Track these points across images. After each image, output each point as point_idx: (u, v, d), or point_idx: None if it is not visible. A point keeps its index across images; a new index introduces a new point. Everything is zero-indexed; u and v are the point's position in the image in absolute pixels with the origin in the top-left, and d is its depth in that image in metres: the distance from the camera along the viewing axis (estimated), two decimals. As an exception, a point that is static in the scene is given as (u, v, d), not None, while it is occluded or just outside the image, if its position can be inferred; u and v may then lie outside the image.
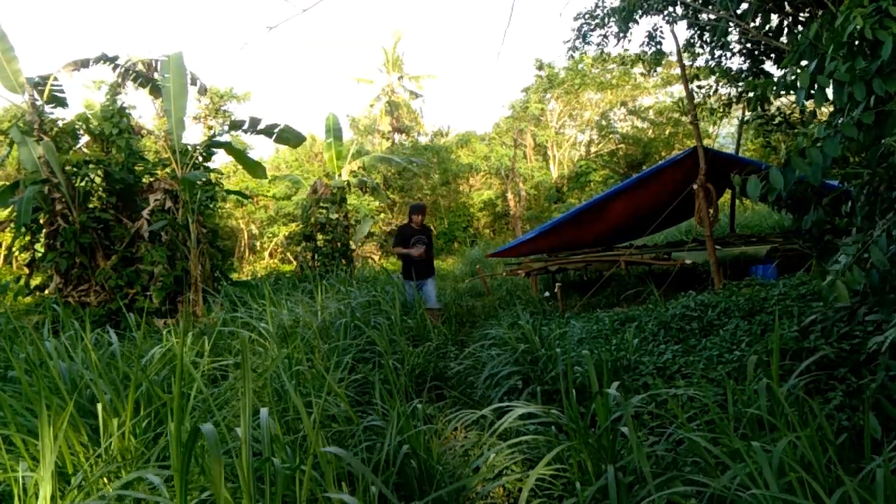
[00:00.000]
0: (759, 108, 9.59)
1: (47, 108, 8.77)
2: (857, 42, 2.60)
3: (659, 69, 22.21)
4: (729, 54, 8.85)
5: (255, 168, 10.21)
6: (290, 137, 10.12)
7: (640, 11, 7.29)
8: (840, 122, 2.57)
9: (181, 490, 1.95)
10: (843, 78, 2.57)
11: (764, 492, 1.94)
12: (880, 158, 2.47)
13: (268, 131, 9.90)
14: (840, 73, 2.58)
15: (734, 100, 9.91)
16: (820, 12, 5.03)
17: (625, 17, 7.38)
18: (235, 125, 10.09)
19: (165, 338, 4.77)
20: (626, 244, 10.40)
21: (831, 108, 2.98)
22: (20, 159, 8.30)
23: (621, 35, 8.06)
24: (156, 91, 9.99)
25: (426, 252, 7.45)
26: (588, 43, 8.63)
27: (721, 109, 10.77)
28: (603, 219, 9.68)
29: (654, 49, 8.76)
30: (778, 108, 10.31)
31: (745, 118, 10.46)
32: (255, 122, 9.84)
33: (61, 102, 8.84)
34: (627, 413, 2.46)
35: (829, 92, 2.76)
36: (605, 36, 8.31)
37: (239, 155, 10.08)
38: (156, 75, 9.72)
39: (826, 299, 3.18)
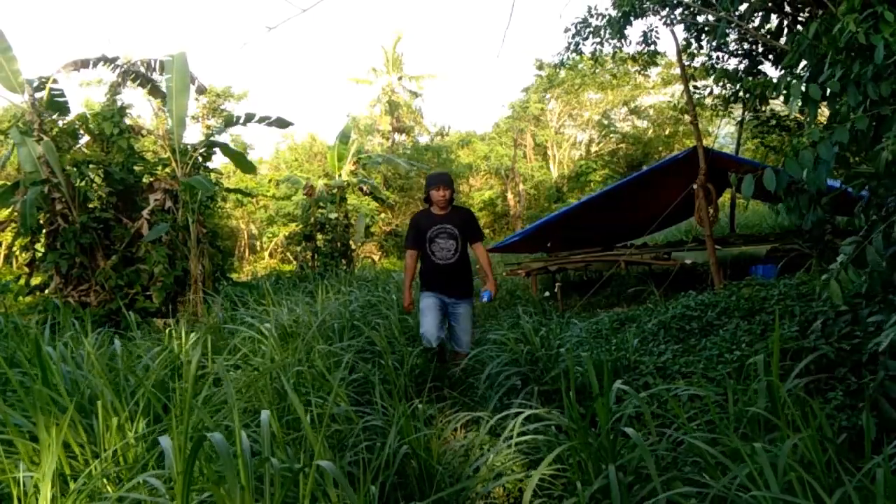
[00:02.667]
0: (755, 109, 9.60)
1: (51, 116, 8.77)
2: (854, 47, 2.61)
3: (658, 69, 22.25)
4: (726, 56, 8.85)
5: (245, 164, 10.63)
6: (280, 123, 10.59)
7: (635, 13, 7.26)
8: (835, 126, 2.58)
9: (183, 493, 1.96)
10: (834, 87, 2.59)
11: (765, 493, 1.94)
12: (885, 168, 2.48)
13: (260, 121, 10.25)
14: (832, 83, 2.60)
15: (731, 99, 9.93)
16: (820, 12, 5.03)
17: (622, 24, 7.35)
18: (230, 121, 10.34)
19: (166, 338, 4.77)
20: (627, 244, 10.41)
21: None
22: (20, 159, 8.31)
23: (617, 40, 8.02)
24: (155, 91, 10.01)
25: (455, 254, 4.72)
26: (580, 53, 8.62)
27: (718, 108, 10.77)
28: (603, 217, 9.70)
29: (649, 50, 8.75)
30: (772, 111, 10.31)
31: (744, 118, 10.47)
32: (249, 115, 10.13)
33: (63, 109, 8.83)
34: (645, 411, 2.46)
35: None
36: (601, 43, 8.27)
37: (231, 153, 10.28)
38: (155, 75, 9.75)
39: (821, 297, 3.19)
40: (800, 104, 2.78)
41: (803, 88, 2.74)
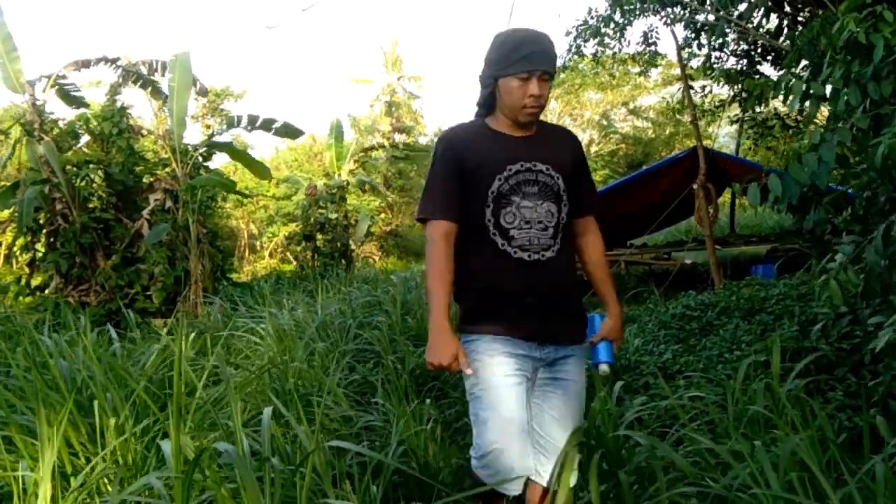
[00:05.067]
0: (754, 110, 9.60)
1: (66, 108, 8.84)
2: (853, 47, 2.61)
3: (658, 69, 22.23)
4: (725, 56, 8.86)
5: (259, 168, 10.09)
6: (288, 131, 10.04)
7: (635, 14, 7.26)
8: (836, 127, 2.58)
9: (183, 494, 1.96)
10: (837, 84, 2.58)
11: (765, 491, 1.94)
12: (882, 163, 2.48)
13: (265, 126, 9.81)
14: (835, 79, 2.59)
15: (729, 101, 9.93)
16: (820, 12, 5.03)
17: (623, 24, 7.36)
18: (232, 122, 10.07)
19: (165, 337, 4.76)
20: (627, 244, 10.40)
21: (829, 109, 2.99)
22: (20, 159, 8.32)
23: (618, 39, 8.02)
24: (156, 93, 9.98)
25: (558, 235, 1.95)
26: (582, 55, 8.64)
27: (716, 110, 10.78)
28: (603, 218, 9.69)
29: (650, 49, 8.75)
30: (775, 110, 10.31)
31: (743, 118, 10.47)
32: (252, 118, 9.76)
33: (79, 102, 8.85)
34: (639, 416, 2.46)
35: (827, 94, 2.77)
36: (602, 43, 8.26)
37: (242, 157, 10.01)
38: (157, 76, 9.71)
39: (821, 298, 3.20)
40: (799, 104, 2.78)
41: (804, 87, 2.74)
